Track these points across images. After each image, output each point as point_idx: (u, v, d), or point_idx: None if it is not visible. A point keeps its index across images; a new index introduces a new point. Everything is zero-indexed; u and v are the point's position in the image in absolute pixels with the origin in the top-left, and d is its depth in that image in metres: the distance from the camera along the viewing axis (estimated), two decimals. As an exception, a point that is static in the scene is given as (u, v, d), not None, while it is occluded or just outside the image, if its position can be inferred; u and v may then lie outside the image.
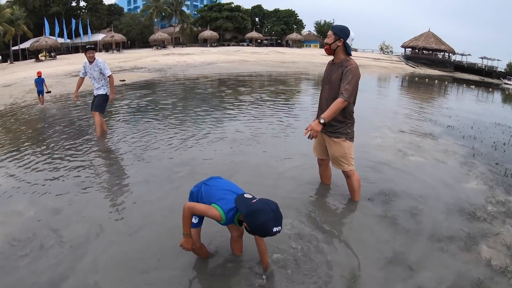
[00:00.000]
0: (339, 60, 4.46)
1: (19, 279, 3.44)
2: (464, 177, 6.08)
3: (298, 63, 37.74)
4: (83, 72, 8.48)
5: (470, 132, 9.18)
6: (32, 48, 48.59)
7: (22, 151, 7.53)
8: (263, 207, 2.84)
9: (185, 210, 3.13)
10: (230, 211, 3.03)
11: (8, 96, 16.35)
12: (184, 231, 3.21)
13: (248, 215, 2.86)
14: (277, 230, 2.83)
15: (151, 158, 6.76)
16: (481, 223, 4.49)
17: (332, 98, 4.42)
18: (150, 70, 27.40)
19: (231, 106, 12.43)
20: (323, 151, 4.97)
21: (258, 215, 2.81)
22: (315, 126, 4.26)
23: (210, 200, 3.16)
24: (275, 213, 2.84)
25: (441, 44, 53.30)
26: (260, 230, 2.85)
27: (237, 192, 3.19)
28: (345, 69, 4.31)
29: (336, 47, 4.41)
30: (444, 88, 24.20)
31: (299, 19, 75.61)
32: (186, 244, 3.25)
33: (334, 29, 4.39)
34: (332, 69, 4.52)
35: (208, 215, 3.08)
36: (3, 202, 5.13)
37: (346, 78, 4.27)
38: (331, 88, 4.48)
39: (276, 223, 2.82)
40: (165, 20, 72.42)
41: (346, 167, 4.71)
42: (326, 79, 4.62)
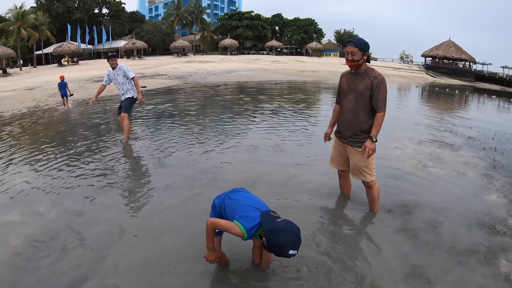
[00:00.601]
0: (362, 70, 4.49)
1: (39, 279, 3.49)
2: (485, 190, 5.98)
3: (318, 72, 37.69)
4: (107, 80, 8.59)
5: (491, 144, 9.05)
6: (55, 53, 49.50)
7: (44, 153, 7.68)
8: (285, 228, 2.87)
9: (208, 225, 3.18)
10: (252, 228, 3.04)
11: (31, 99, 16.68)
12: (208, 245, 3.27)
13: (269, 232, 2.88)
14: (292, 253, 2.83)
15: (172, 165, 6.81)
16: (501, 237, 4.41)
17: (359, 107, 4.50)
18: (171, 77, 27.67)
19: (252, 113, 12.47)
20: (344, 162, 4.96)
21: (279, 235, 2.83)
22: (371, 145, 4.43)
23: (233, 216, 3.18)
24: (295, 236, 2.85)
25: (461, 53, 52.62)
26: (277, 249, 2.86)
27: (261, 208, 3.20)
28: (374, 80, 4.37)
29: (362, 62, 4.43)
30: (464, 98, 23.87)
31: (319, 28, 75.72)
32: (209, 257, 3.32)
33: (358, 45, 4.37)
34: (355, 79, 4.53)
35: (231, 232, 3.09)
36: (25, 203, 5.23)
37: (379, 90, 4.37)
38: (358, 97, 4.49)
39: (294, 246, 2.83)
40: (186, 28, 73.14)
41: (369, 177, 4.69)
42: (349, 89, 4.60)
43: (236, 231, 3.04)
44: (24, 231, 4.39)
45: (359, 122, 4.55)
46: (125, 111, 8.36)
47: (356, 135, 4.59)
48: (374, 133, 4.43)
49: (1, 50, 40.90)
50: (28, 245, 4.07)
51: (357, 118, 4.55)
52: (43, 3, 61.70)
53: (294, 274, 3.54)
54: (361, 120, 4.54)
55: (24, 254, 3.91)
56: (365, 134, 4.56)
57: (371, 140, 4.42)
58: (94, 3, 64.93)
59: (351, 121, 4.61)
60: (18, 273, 3.59)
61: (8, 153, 7.77)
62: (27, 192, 5.59)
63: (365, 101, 4.46)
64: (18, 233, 4.36)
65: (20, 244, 4.12)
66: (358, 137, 4.59)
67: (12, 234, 4.35)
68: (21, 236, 4.29)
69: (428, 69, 52.81)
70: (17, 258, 3.83)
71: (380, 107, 4.39)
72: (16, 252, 3.94)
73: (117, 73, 8.36)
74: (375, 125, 4.44)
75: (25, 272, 3.60)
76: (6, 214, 4.87)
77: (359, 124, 4.56)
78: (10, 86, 23.67)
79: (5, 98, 17.81)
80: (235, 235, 3.08)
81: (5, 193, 5.58)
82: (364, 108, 4.50)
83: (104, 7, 67.67)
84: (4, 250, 3.99)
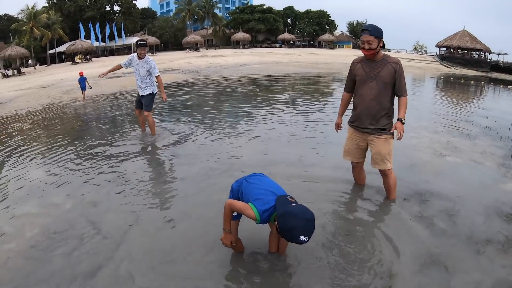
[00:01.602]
0: (380, 57, 4.45)
1: (55, 269, 3.53)
2: (502, 179, 5.87)
3: (331, 64, 37.44)
4: (127, 62, 8.11)
5: (507, 133, 8.89)
6: (68, 51, 50.02)
7: (60, 146, 7.81)
8: (298, 212, 2.82)
9: (225, 206, 3.20)
10: (265, 212, 3.03)
11: (46, 97, 16.89)
12: (225, 226, 3.29)
13: (281, 216, 2.85)
14: (303, 239, 2.78)
15: (188, 155, 6.87)
16: (520, 226, 4.35)
17: (383, 95, 4.47)
18: (184, 71, 27.77)
19: (265, 105, 12.47)
20: (361, 154, 4.90)
21: (290, 219, 2.79)
22: (402, 126, 4.39)
23: (248, 198, 3.18)
24: (307, 222, 2.80)
25: (476, 43, 51.74)
26: (287, 233, 2.82)
27: (277, 192, 3.19)
28: (395, 65, 4.37)
29: (379, 49, 4.40)
30: (480, 88, 23.54)
31: (331, 20, 75.07)
32: (225, 240, 3.32)
33: (373, 32, 4.30)
34: (374, 66, 4.46)
35: (245, 214, 3.10)
36: (41, 194, 5.33)
37: (401, 76, 4.40)
38: (382, 84, 4.43)
39: (305, 232, 2.78)
40: (197, 23, 73.09)
41: (389, 164, 4.64)
42: (367, 76, 4.52)
43: (249, 213, 3.04)
44: (41, 222, 4.47)
45: (382, 109, 4.50)
46: (147, 109, 8.11)
47: (377, 122, 4.54)
48: (402, 114, 4.41)
49: (15, 50, 41.31)
50: (44, 236, 4.13)
51: (380, 105, 4.49)
52: (54, 3, 62.18)
53: (310, 262, 3.54)
54: (384, 107, 4.50)
55: (41, 244, 3.97)
56: (386, 121, 4.54)
57: (401, 122, 4.38)
58: (105, 1, 65.24)
59: (373, 109, 4.53)
60: (34, 263, 3.64)
61: (24, 148, 7.91)
62: (43, 185, 5.69)
63: (389, 88, 4.46)
64: (34, 224, 4.44)
65: (36, 234, 4.18)
66: (379, 124, 4.55)
67: (29, 225, 4.42)
68: (37, 227, 4.36)
69: (442, 59, 52.07)
70: (33, 249, 3.89)
71: (404, 92, 4.44)
72: (32, 243, 4.00)
73: (142, 65, 7.92)
74: (402, 108, 4.44)
75: (41, 262, 3.65)
76: (23, 206, 4.95)
77: (381, 111, 4.51)
78: (25, 84, 23.98)
79: (21, 96, 18.08)
80: (249, 216, 3.08)
81: (21, 186, 5.69)
82: (387, 94, 4.48)
83: (116, 4, 67.94)
84: (21, 241, 4.05)
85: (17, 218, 4.64)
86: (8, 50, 41.26)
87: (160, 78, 8.15)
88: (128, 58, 8.12)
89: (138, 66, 7.94)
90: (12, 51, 40.81)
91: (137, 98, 8.33)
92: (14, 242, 4.04)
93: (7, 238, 4.14)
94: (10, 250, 3.88)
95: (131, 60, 8.04)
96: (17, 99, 16.96)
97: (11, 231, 4.31)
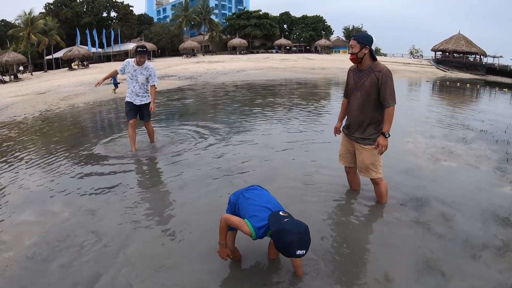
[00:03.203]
0: (366, 66, 4.42)
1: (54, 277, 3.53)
2: (498, 182, 5.91)
3: (328, 69, 37.55)
4: (122, 68, 7.51)
5: (503, 137, 8.94)
6: (65, 57, 50.04)
7: (57, 153, 7.80)
8: (291, 228, 2.87)
9: (221, 221, 3.25)
10: (261, 228, 3.06)
11: (43, 103, 16.87)
12: (220, 240, 3.33)
13: (276, 234, 2.90)
14: (300, 253, 2.85)
15: (186, 163, 6.84)
16: (516, 229, 4.38)
17: (366, 105, 4.45)
18: (181, 77, 27.79)
19: (263, 111, 12.48)
20: (351, 159, 4.94)
21: (285, 235, 2.84)
22: (384, 142, 4.37)
23: (244, 214, 3.22)
24: (302, 236, 2.85)
25: (471, 47, 52.03)
26: (284, 249, 2.88)
27: (273, 208, 3.22)
28: (378, 74, 4.30)
29: (363, 55, 4.36)
30: (476, 91, 23.62)
31: (327, 25, 75.42)
32: (221, 253, 3.37)
33: (357, 38, 4.35)
34: (361, 75, 4.47)
35: (241, 230, 3.14)
36: (39, 202, 5.32)
37: (385, 84, 4.27)
38: (365, 94, 4.43)
39: (301, 246, 2.84)
40: (194, 29, 73.35)
41: (374, 174, 4.67)
42: (355, 86, 4.55)
43: (245, 229, 3.08)
44: (38, 230, 4.46)
45: (367, 119, 4.51)
46: (149, 119, 7.82)
47: (363, 132, 4.56)
48: (386, 128, 4.36)
49: (12, 56, 41.33)
50: (43, 244, 4.13)
51: (365, 115, 4.51)
52: (51, 9, 62.36)
53: (307, 269, 3.54)
54: (368, 116, 4.49)
55: (39, 253, 3.97)
56: (373, 131, 4.53)
57: (384, 136, 4.36)
58: (102, 7, 65.36)
59: (358, 118, 4.57)
60: (32, 272, 3.64)
61: (21, 155, 7.89)
62: (41, 191, 5.69)
63: (372, 98, 4.41)
64: (32, 232, 4.43)
65: (34, 243, 4.18)
66: (365, 134, 4.56)
67: (27, 233, 4.41)
68: (35, 235, 4.35)
69: (438, 63, 52.32)
70: (31, 257, 3.89)
71: (388, 102, 4.28)
72: (31, 251, 4.00)
73: (141, 71, 7.40)
74: (386, 121, 4.35)
75: (39, 271, 3.64)
76: (20, 214, 4.95)
77: (366, 122, 4.52)
78: (22, 90, 23.96)
79: (18, 102, 18.05)
80: (244, 233, 3.11)
81: (19, 194, 5.68)
82: (372, 105, 4.44)
83: (112, 10, 68.10)
84: (19, 249, 4.05)
85: (15, 226, 4.63)
86: (5, 56, 41.29)
87: (155, 88, 7.69)
88: (123, 65, 7.53)
89: (136, 72, 7.41)
90: (9, 57, 40.84)
91: (130, 107, 7.62)
92: (12, 251, 4.03)
93: (5, 247, 4.13)
94: (9, 259, 3.87)
95: (126, 66, 7.47)
96: (14, 106, 16.93)
97: (9, 239, 4.30)
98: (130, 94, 7.55)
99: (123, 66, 7.50)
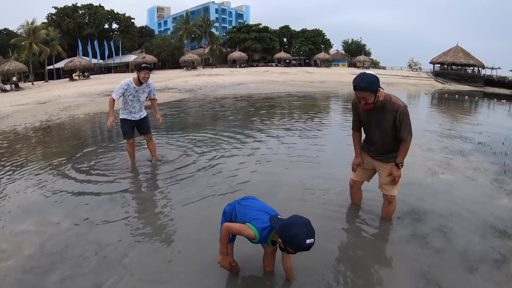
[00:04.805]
0: (380, 104, 4.22)
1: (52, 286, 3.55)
2: (495, 194, 5.95)
3: (327, 82, 37.68)
4: (120, 93, 6.96)
5: (501, 148, 8.99)
6: (66, 68, 50.22)
7: (57, 164, 7.80)
8: (295, 220, 2.93)
9: (223, 230, 3.29)
10: (264, 230, 3.10)
11: (44, 113, 16.89)
12: (221, 249, 3.34)
13: (281, 229, 2.93)
14: (310, 242, 2.87)
15: (186, 176, 6.82)
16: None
17: (385, 139, 4.41)
18: (181, 90, 27.87)
19: (262, 124, 12.50)
20: (364, 174, 4.93)
21: (291, 228, 2.88)
22: (398, 172, 4.45)
23: (245, 220, 3.24)
24: (306, 225, 2.90)
25: (470, 59, 52.29)
26: (293, 242, 2.89)
27: (271, 213, 3.27)
28: (395, 113, 4.18)
29: (377, 99, 4.17)
30: (474, 103, 23.69)
31: (326, 39, 75.89)
32: (223, 262, 3.36)
33: (368, 88, 4.01)
34: (375, 113, 4.31)
35: (243, 234, 3.16)
36: (39, 212, 5.33)
37: (404, 123, 4.19)
38: (384, 134, 4.37)
39: (308, 235, 2.87)
40: (194, 42, 73.71)
41: (395, 192, 4.66)
42: (371, 123, 4.46)
43: (248, 232, 3.11)
44: (37, 241, 4.47)
45: (390, 147, 4.47)
46: (150, 131, 7.60)
47: (386, 155, 4.55)
48: (400, 160, 4.38)
49: (14, 65, 41.58)
50: (42, 255, 4.14)
51: (386, 146, 4.47)
52: (54, 19, 62.84)
53: (305, 282, 3.56)
54: (390, 146, 4.45)
55: (38, 263, 3.98)
56: (395, 154, 4.47)
57: (397, 166, 4.41)
58: (104, 19, 65.92)
59: (380, 148, 4.55)
60: (32, 282, 3.66)
61: (21, 165, 7.91)
62: (40, 202, 5.71)
63: (391, 134, 4.33)
64: (32, 242, 4.44)
65: (33, 253, 4.19)
66: (387, 156, 4.55)
67: (26, 243, 4.42)
68: (34, 245, 4.36)
69: (437, 75, 52.57)
70: (31, 267, 3.90)
71: (405, 138, 4.25)
72: (29, 261, 4.01)
73: (143, 90, 7.20)
74: (402, 153, 4.35)
75: (39, 282, 3.66)
76: (20, 224, 4.95)
77: (389, 149, 4.48)
78: (23, 100, 24.00)
79: (18, 111, 18.08)
80: (247, 236, 3.14)
81: (19, 204, 5.68)
82: (392, 138, 4.37)
83: (114, 22, 68.70)
84: (19, 259, 4.06)
85: (14, 235, 4.64)
86: (7, 64, 41.55)
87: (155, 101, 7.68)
88: (122, 88, 6.95)
89: (138, 93, 7.12)
90: (10, 66, 41.07)
91: (129, 125, 7.34)
92: (11, 260, 4.04)
93: (5, 256, 4.14)
94: (8, 268, 3.88)
95: (126, 89, 6.98)
96: (14, 115, 16.97)
97: (9, 248, 4.31)
98: (128, 112, 7.25)
99: (121, 91, 6.96)
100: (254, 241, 3.16)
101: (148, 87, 7.29)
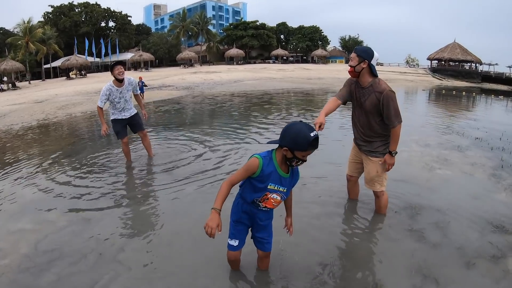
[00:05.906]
0: (367, 84, 4.27)
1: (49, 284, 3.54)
2: (493, 189, 5.95)
3: (324, 79, 37.73)
4: (104, 99, 7.05)
5: (498, 144, 9.00)
6: (63, 67, 50.12)
7: (53, 163, 7.80)
8: (291, 123, 2.82)
9: (223, 184, 2.97)
10: (266, 156, 2.95)
11: (40, 112, 16.89)
12: (215, 205, 2.88)
13: (282, 136, 2.82)
14: (314, 134, 2.72)
15: (182, 174, 6.80)
16: (510, 236, 4.39)
17: (370, 122, 4.37)
18: (178, 88, 27.87)
19: (260, 121, 12.52)
20: (355, 168, 4.94)
21: (291, 128, 2.77)
22: (391, 160, 4.40)
23: None
24: (305, 123, 2.77)
25: (467, 55, 52.37)
26: (298, 138, 2.72)
27: None
28: (379, 95, 4.16)
29: (361, 69, 4.22)
30: (471, 99, 23.72)
31: (324, 35, 75.81)
32: (211, 222, 2.81)
33: (357, 51, 4.22)
34: (362, 93, 4.35)
35: (248, 172, 2.95)
36: (36, 210, 5.32)
37: (388, 106, 4.13)
38: (366, 114, 4.37)
39: (310, 129, 2.73)
40: (192, 39, 73.54)
41: (378, 187, 4.65)
42: (357, 102, 4.47)
43: (250, 163, 2.92)
44: (34, 238, 4.46)
45: (374, 133, 4.44)
46: (143, 127, 7.62)
47: (371, 146, 4.50)
48: (393, 147, 4.32)
49: (11, 64, 41.45)
50: (39, 253, 4.13)
51: (371, 130, 4.44)
52: (50, 18, 62.69)
53: (301, 278, 3.55)
54: (375, 131, 4.41)
55: (34, 260, 3.97)
56: (380, 144, 4.46)
57: (391, 154, 4.35)
58: (100, 17, 65.77)
59: (364, 134, 4.52)
60: (29, 280, 3.64)
61: (18, 163, 7.91)
62: (37, 200, 5.70)
63: (376, 116, 4.31)
64: (29, 240, 4.43)
65: (31, 251, 4.18)
66: (372, 147, 4.51)
67: (23, 241, 4.41)
68: (31, 243, 4.35)
69: (434, 72, 52.63)
70: (26, 265, 3.89)
71: (393, 123, 4.18)
72: (26, 259, 4.00)
73: (127, 89, 7.16)
74: (393, 140, 4.29)
75: (36, 280, 3.65)
76: (17, 222, 4.95)
77: (373, 135, 4.45)
78: (19, 99, 23.98)
79: (15, 111, 18.06)
80: (252, 170, 2.93)
81: (15, 202, 5.68)
82: (376, 123, 4.35)
83: (111, 20, 68.56)
84: (16, 257, 4.06)
85: (11, 234, 4.63)
86: (3, 64, 41.39)
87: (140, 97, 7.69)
88: (104, 94, 6.99)
89: (123, 93, 7.12)
90: (7, 65, 40.96)
91: (121, 124, 7.39)
92: (8, 258, 4.03)
93: (1, 254, 4.13)
94: (5, 266, 3.87)
95: (109, 94, 7.01)
96: (11, 114, 16.97)
97: (6, 246, 4.30)
98: (117, 112, 7.30)
99: (105, 97, 7.01)
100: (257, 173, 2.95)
101: (131, 85, 7.25)
